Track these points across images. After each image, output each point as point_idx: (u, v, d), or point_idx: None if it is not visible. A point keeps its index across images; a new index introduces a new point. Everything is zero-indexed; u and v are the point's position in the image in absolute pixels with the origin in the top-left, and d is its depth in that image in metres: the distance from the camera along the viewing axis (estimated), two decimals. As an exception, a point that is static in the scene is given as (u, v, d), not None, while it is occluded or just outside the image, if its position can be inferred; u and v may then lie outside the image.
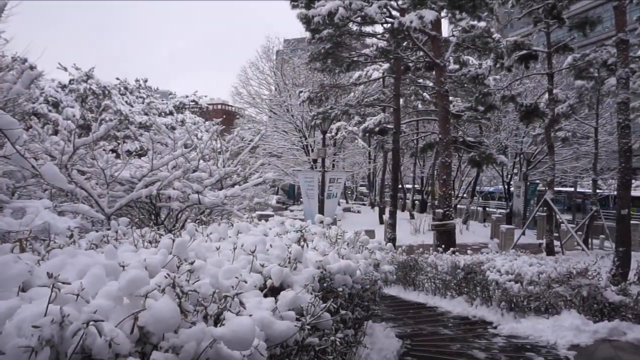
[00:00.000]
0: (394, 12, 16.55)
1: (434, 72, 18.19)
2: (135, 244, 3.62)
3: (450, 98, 20.50)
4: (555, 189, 22.67)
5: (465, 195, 39.30)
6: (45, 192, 6.66)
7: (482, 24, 18.24)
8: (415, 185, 43.12)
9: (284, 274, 2.96)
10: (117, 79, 37.98)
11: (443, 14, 16.82)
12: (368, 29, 19.73)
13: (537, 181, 32.26)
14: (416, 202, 41.01)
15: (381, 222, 28.40)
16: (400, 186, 34.53)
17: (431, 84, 24.92)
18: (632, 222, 13.77)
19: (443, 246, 13.18)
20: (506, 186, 34.83)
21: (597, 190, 24.08)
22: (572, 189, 37.76)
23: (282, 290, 2.84)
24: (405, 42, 18.95)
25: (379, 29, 19.94)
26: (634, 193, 36.37)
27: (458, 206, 34.69)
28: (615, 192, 14.56)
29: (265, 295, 2.73)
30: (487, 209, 37.58)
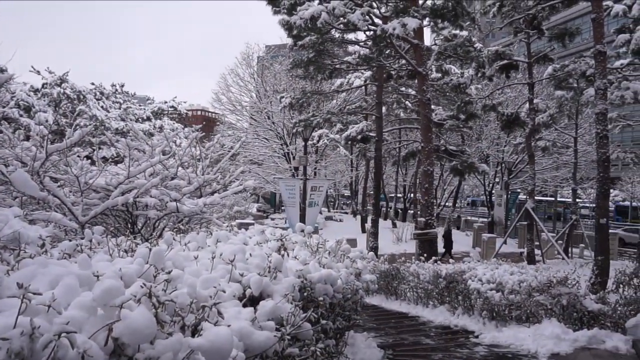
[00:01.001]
0: (376, 20, 16.59)
1: (416, 81, 18.29)
2: (111, 254, 3.55)
3: (433, 107, 20.59)
4: (536, 198, 22.88)
5: (447, 203, 39.53)
6: (16, 199, 6.45)
7: (464, 33, 18.39)
8: (398, 194, 43.27)
9: (263, 283, 2.93)
10: (92, 83, 37.40)
11: (425, 22, 16.91)
12: (351, 36, 19.80)
13: (519, 190, 32.56)
14: (399, 210, 41.13)
15: (363, 230, 28.40)
16: (382, 195, 34.64)
17: (413, 92, 25.06)
18: (610, 231, 13.90)
19: (425, 255, 13.19)
20: (488, 195, 35.06)
21: (577, 200, 24.32)
22: (552, 198, 38.23)
23: (261, 300, 2.82)
24: (388, 50, 19.03)
25: (361, 36, 20.04)
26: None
27: (440, 215, 34.89)
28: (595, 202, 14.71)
29: (245, 305, 2.71)
30: (460, 216, 37.82)
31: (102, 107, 35.22)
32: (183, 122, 47.48)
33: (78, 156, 8.06)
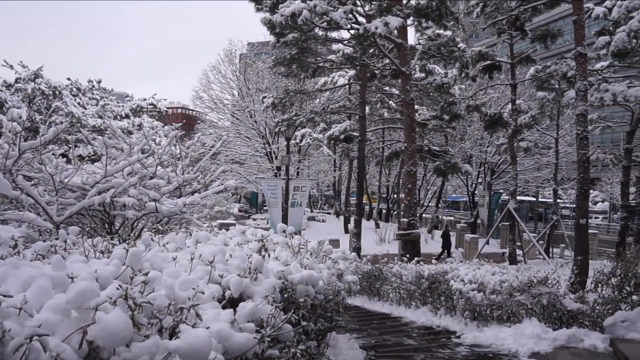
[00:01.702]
0: (360, 18, 16.60)
1: (400, 80, 18.32)
2: (86, 255, 3.48)
3: (416, 107, 20.67)
4: (518, 198, 23.07)
5: (430, 204, 39.71)
6: (-14, 199, 6.33)
7: (448, 33, 18.50)
8: (381, 194, 43.37)
9: (243, 284, 2.89)
10: (68, 79, 36.47)
11: (409, 21, 16.95)
12: (334, 34, 19.77)
13: (501, 191, 32.84)
14: (382, 210, 41.22)
15: (346, 231, 28.42)
16: (365, 195, 34.69)
17: (397, 92, 25.13)
18: (590, 231, 14.05)
19: (408, 256, 13.22)
20: (471, 195, 35.29)
21: (558, 200, 24.57)
22: (534, 199, 38.59)
23: (241, 302, 2.77)
24: (372, 49, 19.05)
25: (345, 34, 20.04)
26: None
27: (423, 215, 35.04)
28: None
29: (224, 307, 2.67)
30: (439, 217, 37.81)
31: (78, 103, 34.31)
32: (163, 120, 46.83)
33: (53, 154, 7.85)
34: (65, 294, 1.89)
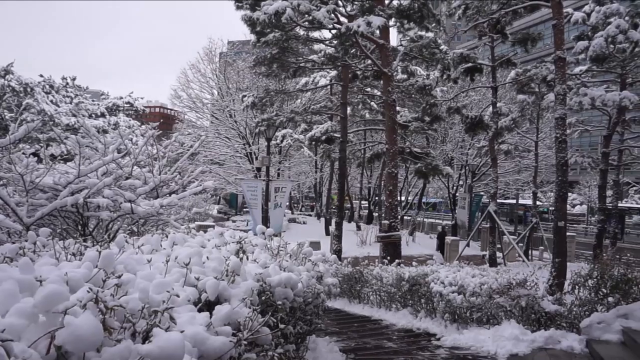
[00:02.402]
0: (342, 19, 16.56)
1: (381, 81, 18.33)
2: (57, 257, 3.39)
3: (398, 108, 20.69)
4: (498, 201, 23.28)
5: (412, 206, 39.81)
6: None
7: (430, 34, 18.56)
8: (363, 196, 43.40)
9: (220, 287, 2.84)
10: (41, 75, 35.63)
11: (391, 22, 16.96)
12: (316, 34, 19.71)
13: (482, 193, 33.09)
14: (362, 214, 41.22)
15: (327, 233, 28.39)
16: (347, 197, 34.67)
17: (379, 93, 25.12)
18: (568, 233, 14.16)
19: (389, 258, 13.22)
20: (452, 198, 35.47)
21: (538, 203, 24.79)
22: (514, 201, 38.92)
23: (218, 305, 2.72)
24: (353, 50, 19.05)
25: (327, 34, 19.99)
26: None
27: (405, 217, 35.12)
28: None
29: (200, 310, 2.62)
30: (414, 220, 37.80)
31: (51, 101, 33.59)
32: (140, 119, 46.22)
33: (23, 153, 7.66)
34: (32, 298, 1.83)
